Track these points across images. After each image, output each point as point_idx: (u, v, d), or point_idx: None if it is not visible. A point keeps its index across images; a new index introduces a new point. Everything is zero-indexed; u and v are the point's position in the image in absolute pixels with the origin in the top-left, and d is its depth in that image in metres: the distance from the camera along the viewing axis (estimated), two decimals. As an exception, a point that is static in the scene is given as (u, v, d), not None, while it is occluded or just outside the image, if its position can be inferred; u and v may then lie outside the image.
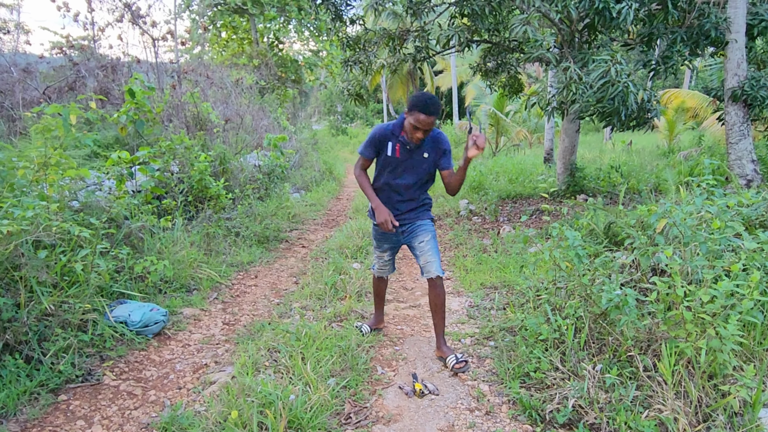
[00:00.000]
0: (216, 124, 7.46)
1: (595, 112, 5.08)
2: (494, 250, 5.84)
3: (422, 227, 3.07)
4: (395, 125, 2.94)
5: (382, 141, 2.96)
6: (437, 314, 3.05)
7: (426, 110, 2.69)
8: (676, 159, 13.04)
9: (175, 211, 4.90)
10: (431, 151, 2.97)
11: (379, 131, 2.96)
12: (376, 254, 3.35)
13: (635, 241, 3.09)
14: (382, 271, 3.40)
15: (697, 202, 2.77)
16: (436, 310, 3.04)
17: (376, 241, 3.26)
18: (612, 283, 2.77)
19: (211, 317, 3.88)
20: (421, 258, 3.03)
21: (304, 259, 5.78)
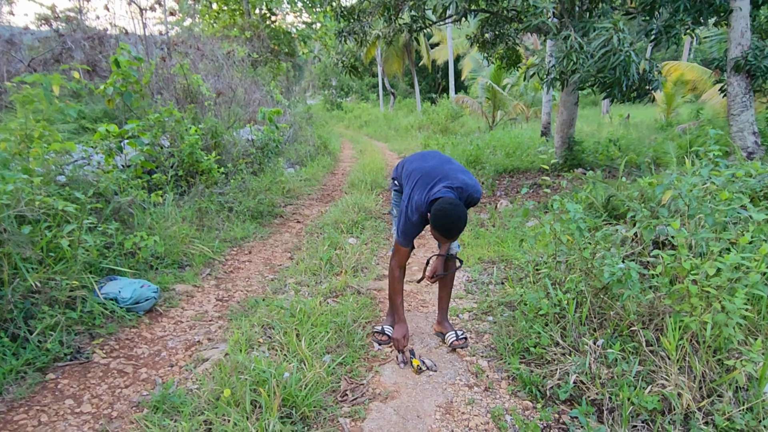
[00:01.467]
0: (207, 97, 7.27)
1: (595, 83, 4.95)
2: (492, 224, 5.76)
3: None
4: (424, 215, 2.59)
5: (418, 230, 2.68)
6: (445, 289, 2.99)
7: (449, 236, 2.42)
8: (674, 132, 12.94)
9: (166, 186, 4.77)
10: None
11: (416, 228, 2.65)
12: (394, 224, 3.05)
13: (637, 213, 3.01)
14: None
15: (703, 173, 2.68)
16: (446, 285, 2.97)
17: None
18: (614, 257, 2.70)
19: (204, 293, 3.81)
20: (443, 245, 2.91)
21: (299, 234, 5.69)
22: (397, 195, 2.98)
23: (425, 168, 2.64)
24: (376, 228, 5.72)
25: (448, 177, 2.55)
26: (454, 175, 2.57)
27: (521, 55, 10.58)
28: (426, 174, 2.59)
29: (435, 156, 2.76)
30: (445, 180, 2.53)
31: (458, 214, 2.35)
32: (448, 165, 2.65)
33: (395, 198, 3.01)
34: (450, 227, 2.36)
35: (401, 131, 18.94)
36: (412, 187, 2.60)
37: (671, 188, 2.65)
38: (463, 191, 2.52)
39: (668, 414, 2.08)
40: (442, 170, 2.60)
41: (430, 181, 2.55)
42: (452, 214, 2.34)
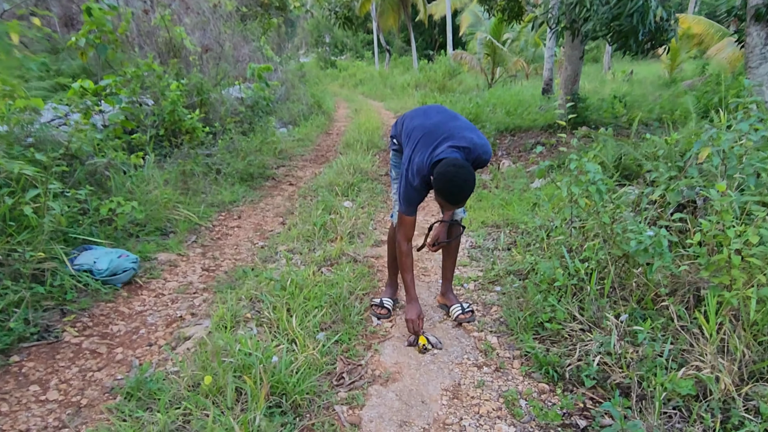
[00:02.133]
0: (191, 51, 6.80)
1: (609, 32, 4.57)
2: (495, 185, 5.48)
3: None
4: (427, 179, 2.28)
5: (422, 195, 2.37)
6: (449, 258, 2.72)
7: (455, 201, 2.12)
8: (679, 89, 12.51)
9: (146, 147, 4.43)
10: None
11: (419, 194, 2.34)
12: (393, 189, 2.74)
13: (660, 174, 2.72)
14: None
15: (743, 127, 2.37)
16: (450, 253, 2.70)
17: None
18: (639, 223, 2.43)
19: (189, 263, 3.54)
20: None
21: (292, 197, 5.39)
22: (396, 155, 2.67)
23: (427, 125, 2.32)
24: (373, 190, 5.43)
25: (454, 136, 2.24)
26: (460, 133, 2.26)
27: (523, 7, 10.03)
28: (428, 132, 2.28)
29: (439, 111, 2.43)
30: (450, 139, 2.22)
31: (464, 178, 2.05)
32: (453, 122, 2.33)
33: (394, 159, 2.69)
34: (455, 192, 2.06)
35: (397, 90, 18.36)
36: (413, 148, 2.28)
37: (710, 144, 2.34)
38: (471, 152, 2.22)
39: (704, 400, 1.85)
40: (447, 128, 2.28)
41: (433, 140, 2.24)
42: (458, 178, 2.05)
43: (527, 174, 6.00)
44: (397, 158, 2.65)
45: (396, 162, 2.67)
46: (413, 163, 2.25)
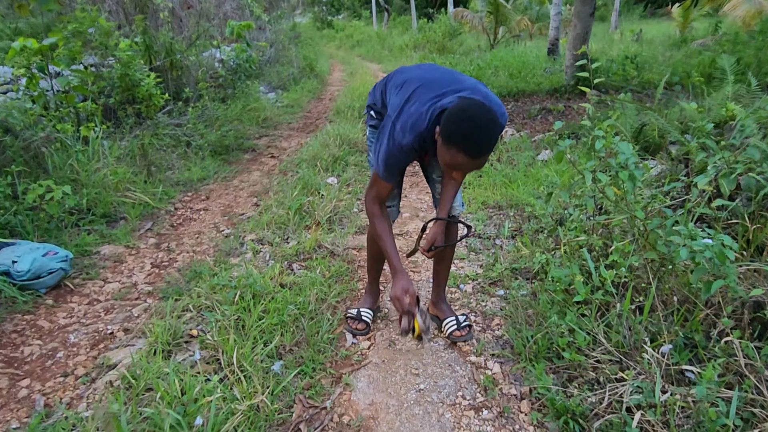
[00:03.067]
0: (162, 6, 6.10)
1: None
2: (496, 158, 4.90)
3: None
4: (425, 142, 1.71)
5: (408, 163, 1.83)
6: (443, 262, 2.18)
7: (472, 152, 1.45)
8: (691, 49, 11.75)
9: (94, 118, 3.84)
10: None
11: (405, 155, 1.74)
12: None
13: (711, 153, 2.15)
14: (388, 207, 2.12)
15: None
16: (444, 256, 2.16)
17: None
18: (684, 221, 1.89)
19: (138, 257, 3.01)
20: (439, 186, 2.09)
21: (271, 172, 4.83)
22: (373, 132, 2.09)
23: (427, 77, 1.72)
24: (361, 165, 4.85)
25: (465, 87, 1.67)
26: (472, 85, 1.69)
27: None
28: (430, 82, 1.69)
29: (436, 68, 1.84)
30: (460, 91, 1.65)
31: (489, 117, 1.44)
32: (459, 76, 1.75)
33: (371, 136, 2.11)
34: (476, 135, 1.42)
35: (395, 51, 17.48)
36: (407, 97, 1.68)
37: None
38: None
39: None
40: (454, 79, 1.71)
41: (437, 89, 1.66)
42: (480, 117, 1.43)
43: (533, 144, 5.42)
44: (375, 135, 2.08)
45: (373, 138, 2.09)
46: (406, 113, 1.65)
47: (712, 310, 1.86)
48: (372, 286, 2.37)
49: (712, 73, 7.39)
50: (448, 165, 1.52)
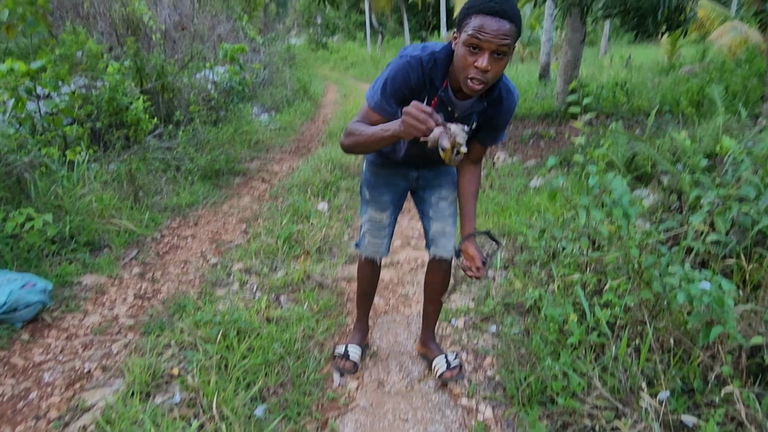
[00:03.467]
0: (154, 29, 6.09)
1: (625, 10, 3.94)
2: (489, 185, 4.88)
3: (447, 176, 1.96)
4: (436, 65, 1.53)
5: (414, 90, 1.56)
6: (434, 303, 2.12)
7: (493, 10, 1.32)
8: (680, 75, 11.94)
9: (81, 142, 3.77)
10: (479, 118, 1.67)
11: (411, 73, 1.53)
12: (368, 215, 2.02)
13: (705, 189, 2.12)
14: (375, 246, 2.06)
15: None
16: (434, 297, 2.10)
17: (372, 189, 1.96)
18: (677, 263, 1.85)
19: (121, 288, 2.93)
20: (434, 223, 1.97)
21: (262, 197, 4.77)
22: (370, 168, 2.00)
23: None
24: (353, 189, 4.82)
25: None
26: None
27: (522, -14, 9.35)
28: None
29: None
30: None
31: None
32: None
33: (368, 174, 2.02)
34: (497, 4, 1.33)
35: (389, 73, 17.61)
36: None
37: None
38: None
39: None
40: None
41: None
42: None
43: (524, 170, 5.42)
44: (370, 172, 2.02)
45: (368, 178, 2.02)
46: (411, 47, 1.58)
47: (709, 352, 1.82)
48: (360, 321, 2.30)
49: (700, 100, 7.50)
50: (474, 39, 1.35)
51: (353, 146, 1.57)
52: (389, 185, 1.98)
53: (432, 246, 2.00)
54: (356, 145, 1.55)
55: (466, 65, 1.39)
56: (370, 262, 2.13)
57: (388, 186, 1.98)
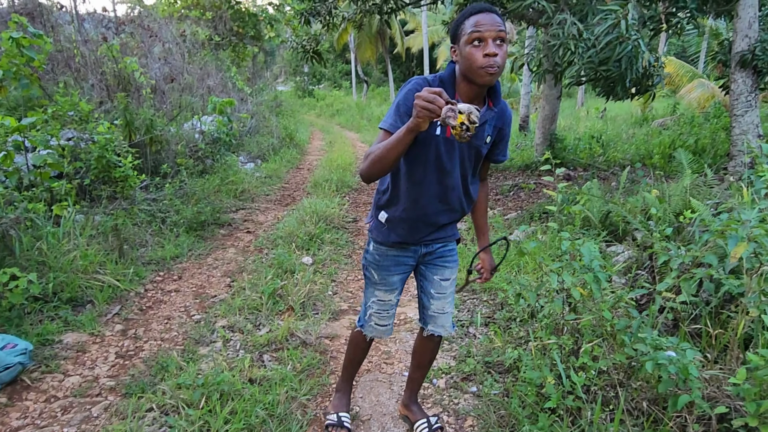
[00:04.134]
0: (143, 84, 6.25)
1: (596, 77, 4.20)
2: (470, 238, 4.99)
3: (452, 255, 1.99)
4: (443, 83, 1.67)
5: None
6: (421, 370, 2.16)
7: (481, 8, 1.56)
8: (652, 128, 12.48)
9: (68, 198, 3.82)
10: (493, 131, 1.77)
11: (420, 89, 1.56)
12: (377, 298, 1.98)
13: (673, 257, 2.24)
14: (382, 329, 2.04)
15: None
16: (423, 365, 2.15)
17: (382, 270, 1.93)
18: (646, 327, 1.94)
19: (103, 346, 2.91)
20: (434, 302, 1.98)
21: (246, 249, 4.81)
22: (378, 249, 1.94)
23: None
24: (337, 242, 4.89)
25: None
26: None
27: (501, 44, 9.84)
28: None
29: None
30: None
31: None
32: None
33: (374, 254, 1.95)
34: (476, 4, 1.59)
35: (374, 121, 18.08)
36: None
37: (745, 239, 1.88)
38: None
39: None
40: None
41: None
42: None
43: (505, 223, 5.56)
44: (379, 253, 1.93)
45: (376, 259, 1.95)
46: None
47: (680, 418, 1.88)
48: (345, 383, 2.31)
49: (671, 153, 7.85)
50: (475, 34, 1.52)
51: (372, 164, 1.57)
52: (399, 265, 1.93)
53: (430, 323, 2.02)
54: (375, 160, 1.56)
55: (476, 58, 1.53)
56: (369, 342, 2.13)
57: (397, 266, 1.93)
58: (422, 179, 1.74)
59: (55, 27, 7.15)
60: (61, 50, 6.31)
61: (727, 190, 4.32)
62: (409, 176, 1.75)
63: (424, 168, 1.72)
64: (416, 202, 1.78)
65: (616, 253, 4.05)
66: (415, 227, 1.84)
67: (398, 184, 1.78)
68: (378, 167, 1.57)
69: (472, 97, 1.66)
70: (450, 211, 1.84)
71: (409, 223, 1.83)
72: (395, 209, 1.82)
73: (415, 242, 1.88)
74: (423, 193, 1.76)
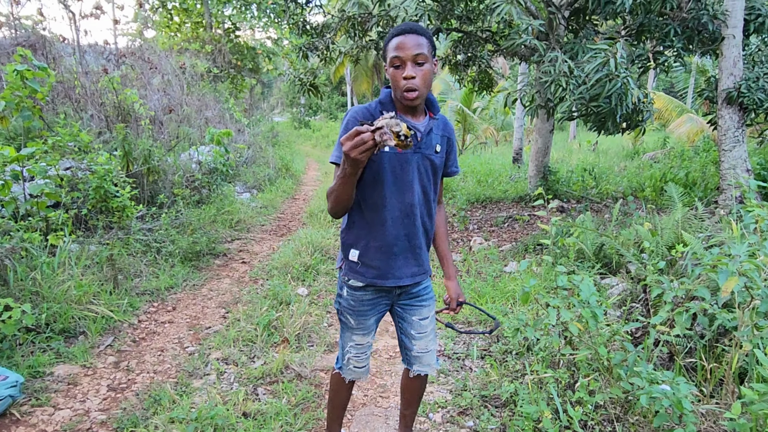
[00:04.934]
0: (143, 115, 6.34)
1: (587, 113, 4.31)
2: (466, 270, 5.01)
3: (428, 293, 1.94)
4: (382, 104, 1.72)
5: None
6: (412, 406, 2.15)
7: (401, 30, 1.61)
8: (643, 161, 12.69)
9: (64, 228, 3.82)
10: (442, 141, 1.79)
11: (361, 114, 1.68)
12: (354, 342, 1.94)
13: (666, 291, 2.27)
14: (360, 371, 1.99)
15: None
16: (413, 402, 2.13)
17: (358, 315, 1.88)
18: (643, 362, 1.95)
19: (95, 378, 2.87)
20: (416, 342, 1.94)
21: (242, 280, 4.79)
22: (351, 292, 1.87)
23: None
24: (333, 273, 4.89)
25: None
26: None
27: (494, 79, 10.06)
28: None
29: None
30: None
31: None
32: None
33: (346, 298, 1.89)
34: (399, 26, 1.63)
35: (369, 153, 18.22)
36: None
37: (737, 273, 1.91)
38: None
39: None
40: None
41: None
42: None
43: (500, 254, 5.59)
44: (354, 299, 1.87)
45: (351, 305, 1.88)
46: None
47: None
48: (335, 426, 2.23)
49: (663, 186, 7.97)
50: (395, 58, 1.59)
51: (334, 204, 1.61)
52: (375, 307, 1.87)
53: (416, 364, 1.98)
54: (335, 201, 1.60)
55: (397, 80, 1.61)
56: (351, 383, 2.07)
57: (373, 309, 1.87)
58: (383, 203, 1.71)
59: (56, 58, 7.29)
60: (61, 81, 6.40)
61: (718, 223, 4.38)
62: (369, 204, 1.73)
63: (383, 189, 1.70)
64: (383, 228, 1.73)
65: (611, 286, 4.08)
66: (388, 255, 1.76)
67: (361, 215, 1.76)
68: (340, 205, 1.62)
69: (408, 112, 1.72)
70: (417, 231, 1.78)
71: (381, 252, 1.76)
72: (365, 242, 1.77)
73: (391, 279, 1.79)
74: (387, 217, 1.72)
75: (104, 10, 9.28)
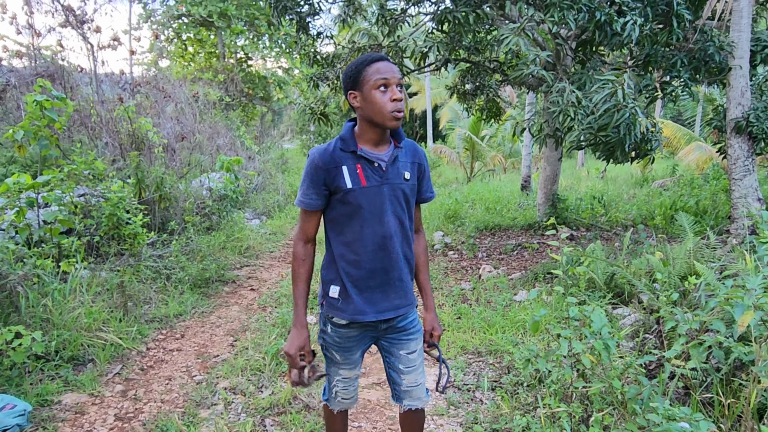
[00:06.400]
0: (156, 143, 6.45)
1: (596, 142, 4.33)
2: (475, 298, 4.97)
3: (414, 326, 1.88)
4: (344, 140, 1.72)
5: (329, 170, 1.68)
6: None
7: (378, 57, 1.66)
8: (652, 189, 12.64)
9: (77, 255, 3.86)
10: (411, 168, 1.79)
11: (319, 156, 1.68)
12: (341, 377, 1.93)
13: (681, 324, 2.24)
14: (346, 400, 1.99)
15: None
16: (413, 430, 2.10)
17: (343, 351, 1.86)
18: (659, 395, 1.91)
19: (102, 407, 2.86)
20: (405, 377, 1.88)
21: (250, 307, 4.79)
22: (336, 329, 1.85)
23: None
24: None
25: None
26: None
27: (501, 108, 10.16)
28: None
29: None
30: None
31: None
32: None
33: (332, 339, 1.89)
34: (369, 54, 1.69)
35: (377, 180, 18.33)
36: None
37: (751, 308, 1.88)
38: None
39: None
40: None
41: None
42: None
43: (510, 282, 5.54)
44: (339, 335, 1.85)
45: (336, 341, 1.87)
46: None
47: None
48: None
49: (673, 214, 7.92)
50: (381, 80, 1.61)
51: (293, 265, 1.82)
52: (360, 342, 1.85)
53: (406, 398, 1.92)
54: (292, 273, 1.82)
55: (383, 103, 1.62)
56: (342, 412, 2.06)
57: (358, 344, 1.86)
58: (358, 236, 1.71)
59: (74, 88, 7.48)
60: (78, 109, 6.56)
61: (731, 253, 4.34)
62: (344, 239, 1.73)
63: (356, 223, 1.70)
64: (358, 262, 1.72)
65: (623, 316, 4.02)
66: (366, 289, 1.74)
67: (338, 251, 1.75)
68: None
69: (377, 141, 1.71)
70: (395, 263, 1.76)
71: (358, 288, 1.74)
72: (343, 277, 1.75)
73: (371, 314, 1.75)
74: (361, 251, 1.71)
75: (121, 42, 9.54)
